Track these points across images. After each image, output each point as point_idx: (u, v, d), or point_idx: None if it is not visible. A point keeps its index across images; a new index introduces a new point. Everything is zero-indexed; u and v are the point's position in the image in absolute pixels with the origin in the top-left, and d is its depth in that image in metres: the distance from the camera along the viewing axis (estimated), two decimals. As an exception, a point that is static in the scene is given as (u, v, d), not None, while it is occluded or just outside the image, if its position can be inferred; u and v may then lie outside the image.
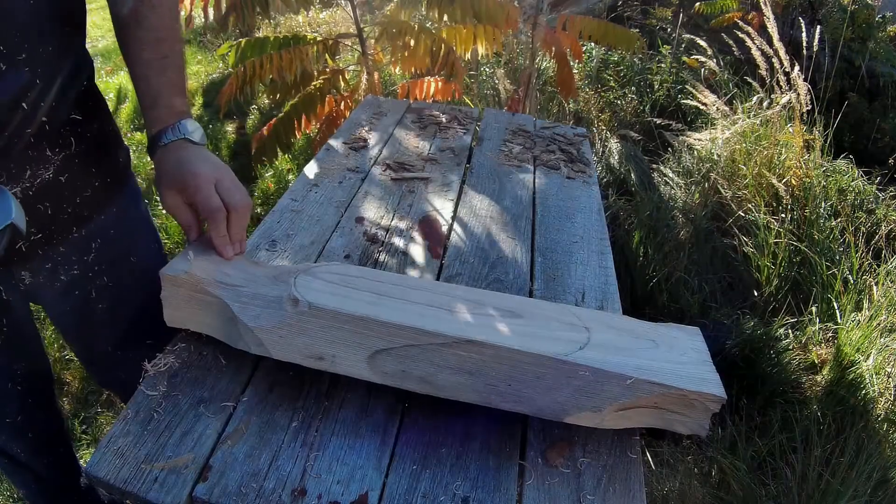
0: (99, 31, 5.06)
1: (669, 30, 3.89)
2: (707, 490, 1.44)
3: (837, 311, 1.93)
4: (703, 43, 3.13)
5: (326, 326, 0.65)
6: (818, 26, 2.68)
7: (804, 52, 2.55)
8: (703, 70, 3.16)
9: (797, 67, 2.42)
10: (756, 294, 2.11)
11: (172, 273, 0.68)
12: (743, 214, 2.31)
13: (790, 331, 1.93)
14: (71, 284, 0.83)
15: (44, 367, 0.97)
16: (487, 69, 3.32)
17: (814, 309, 1.97)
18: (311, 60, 2.04)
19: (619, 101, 3.34)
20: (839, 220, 2.21)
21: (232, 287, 0.69)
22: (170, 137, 0.73)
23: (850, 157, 2.62)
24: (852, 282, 1.99)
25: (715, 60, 3.08)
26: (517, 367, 0.63)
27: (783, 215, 2.24)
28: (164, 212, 2.48)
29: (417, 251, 0.95)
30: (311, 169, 1.16)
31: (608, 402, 0.62)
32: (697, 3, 3.68)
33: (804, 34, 2.61)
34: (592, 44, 3.44)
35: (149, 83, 0.74)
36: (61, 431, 1.08)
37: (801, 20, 2.82)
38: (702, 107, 2.81)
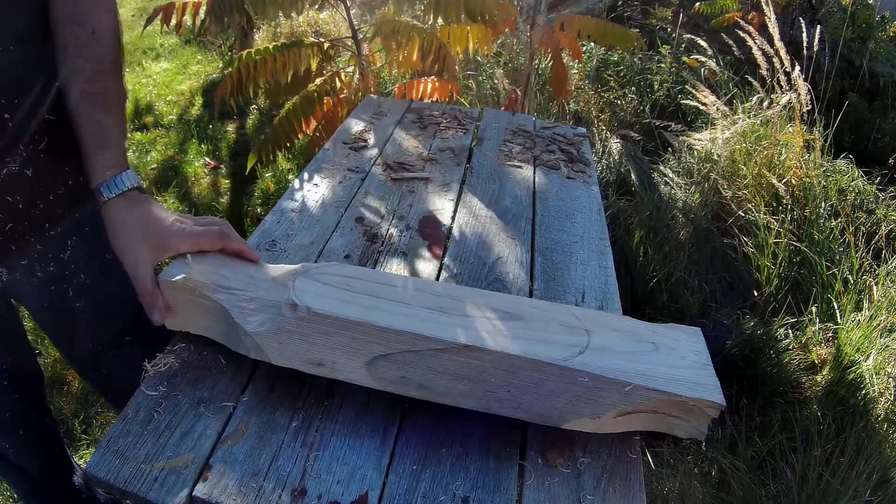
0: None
1: (669, 30, 3.89)
2: (707, 490, 1.44)
3: (837, 311, 1.93)
4: (703, 43, 3.13)
5: (325, 332, 0.64)
6: (818, 26, 2.68)
7: (804, 52, 2.55)
8: (703, 70, 3.16)
9: (797, 67, 2.42)
10: (756, 294, 2.11)
11: (170, 279, 0.68)
12: (743, 214, 2.31)
13: (790, 331, 1.93)
14: (48, 281, 0.83)
15: (32, 364, 0.97)
16: (487, 69, 3.32)
17: (814, 309, 1.97)
18: (303, 62, 2.05)
19: (619, 101, 3.34)
20: (839, 220, 2.21)
21: (230, 291, 0.69)
22: (126, 184, 0.68)
23: (850, 157, 2.62)
24: (852, 282, 1.99)
25: (715, 60, 3.08)
26: (517, 374, 0.62)
27: (783, 215, 2.24)
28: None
29: (417, 251, 0.95)
30: (310, 169, 1.16)
31: (607, 408, 0.62)
32: (697, 3, 3.68)
33: (804, 34, 2.61)
34: (592, 44, 3.43)
35: (95, 121, 0.68)
36: (53, 430, 1.08)
37: (802, 20, 2.82)
38: (702, 107, 2.81)
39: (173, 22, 1.99)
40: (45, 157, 0.75)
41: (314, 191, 1.09)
